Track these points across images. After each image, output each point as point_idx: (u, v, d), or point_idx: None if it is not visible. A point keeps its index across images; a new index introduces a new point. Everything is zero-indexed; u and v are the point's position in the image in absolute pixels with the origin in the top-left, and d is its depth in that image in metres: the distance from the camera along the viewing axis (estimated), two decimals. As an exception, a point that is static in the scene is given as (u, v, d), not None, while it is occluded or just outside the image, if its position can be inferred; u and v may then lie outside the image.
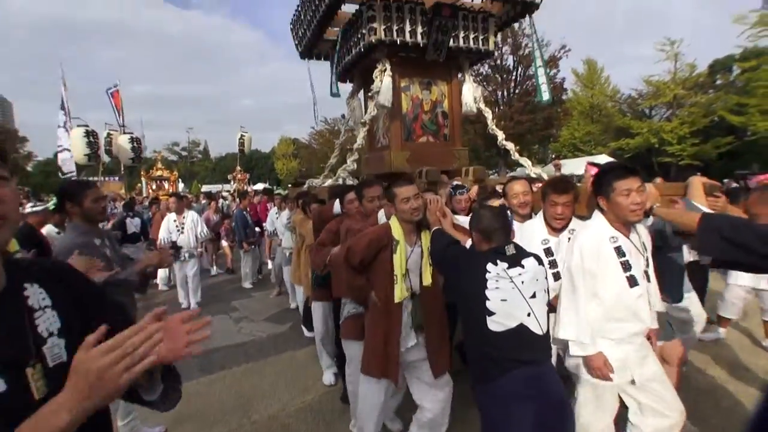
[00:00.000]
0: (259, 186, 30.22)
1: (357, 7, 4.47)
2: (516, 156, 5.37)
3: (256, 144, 13.14)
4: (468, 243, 2.22)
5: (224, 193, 19.51)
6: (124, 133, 10.12)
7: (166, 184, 20.21)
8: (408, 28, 4.29)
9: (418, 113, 4.89)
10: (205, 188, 38.07)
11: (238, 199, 12.12)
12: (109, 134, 10.88)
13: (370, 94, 4.33)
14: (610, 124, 25.74)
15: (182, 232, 6.22)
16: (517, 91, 22.51)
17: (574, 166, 20.65)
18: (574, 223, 2.51)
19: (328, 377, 3.86)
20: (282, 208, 6.51)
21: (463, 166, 5.10)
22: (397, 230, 2.34)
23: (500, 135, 5.36)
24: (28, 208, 4.71)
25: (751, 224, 1.64)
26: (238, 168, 28.66)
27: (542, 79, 5.63)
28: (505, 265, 1.92)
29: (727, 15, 22.42)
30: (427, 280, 2.36)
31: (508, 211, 2.72)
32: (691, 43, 22.73)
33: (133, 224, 7.14)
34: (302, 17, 4.99)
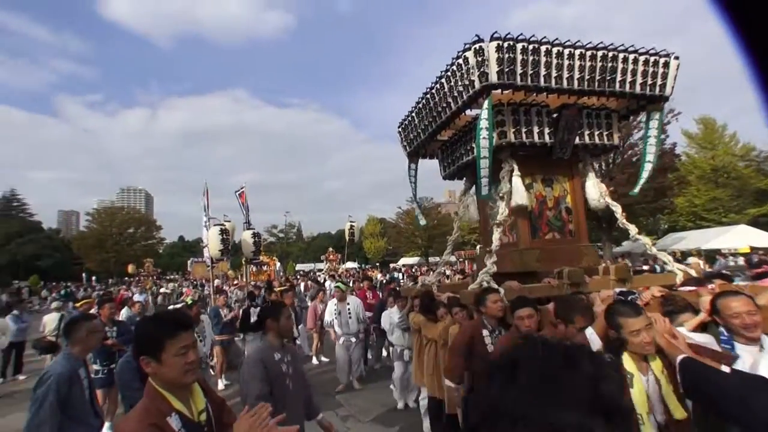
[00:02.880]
0: (350, 264, 31.34)
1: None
2: (657, 253, 4.83)
3: (346, 223, 13.92)
4: (724, 368, 1.78)
5: (322, 277, 20.45)
6: (248, 229, 11.28)
7: (265, 267, 21.89)
8: (536, 129, 4.27)
9: (543, 210, 4.68)
10: (298, 267, 40.55)
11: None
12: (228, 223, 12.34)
13: (501, 194, 4.27)
14: (744, 188, 22.45)
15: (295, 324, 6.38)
16: (618, 161, 21.07)
17: (701, 239, 17.76)
18: None
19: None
20: (390, 305, 6.40)
21: (592, 263, 4.65)
22: (627, 362, 2.03)
23: (633, 230, 4.90)
24: (170, 308, 5.23)
25: None
26: (330, 249, 30.26)
27: (645, 174, 5.11)
28: None
29: None
30: (680, 413, 1.96)
31: (722, 330, 2.21)
32: None
33: (255, 314, 7.64)
34: (416, 121, 5.27)
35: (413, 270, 27.75)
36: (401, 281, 15.18)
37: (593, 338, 2.27)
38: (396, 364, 6.03)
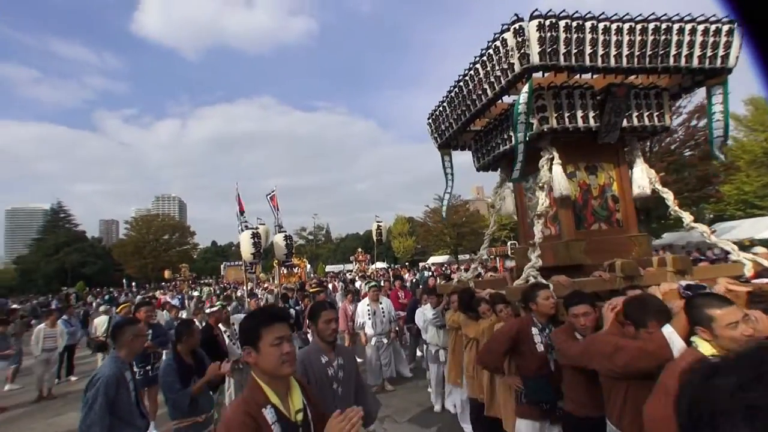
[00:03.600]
0: (379, 264, 31.28)
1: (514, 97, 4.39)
2: (718, 242, 4.44)
3: (373, 224, 13.56)
4: None
5: (351, 277, 20.45)
6: (280, 231, 11.34)
7: (296, 270, 22.07)
8: (579, 113, 3.99)
9: (587, 199, 4.39)
10: (328, 268, 40.84)
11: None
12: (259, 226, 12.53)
13: (540, 184, 4.02)
14: None
15: None
16: (655, 149, 19.90)
17: (753, 228, 16.45)
18: None
19: None
20: (424, 302, 6.21)
21: (643, 254, 4.32)
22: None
23: (687, 218, 4.55)
24: (207, 309, 5.24)
25: None
26: (360, 250, 30.29)
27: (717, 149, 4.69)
28: None
29: None
30: None
31: None
32: None
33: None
34: (447, 111, 5.06)
35: (443, 268, 27.38)
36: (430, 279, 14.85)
37: (674, 339, 1.99)
38: (431, 366, 5.85)
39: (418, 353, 7.95)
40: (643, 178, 4.53)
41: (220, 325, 5.58)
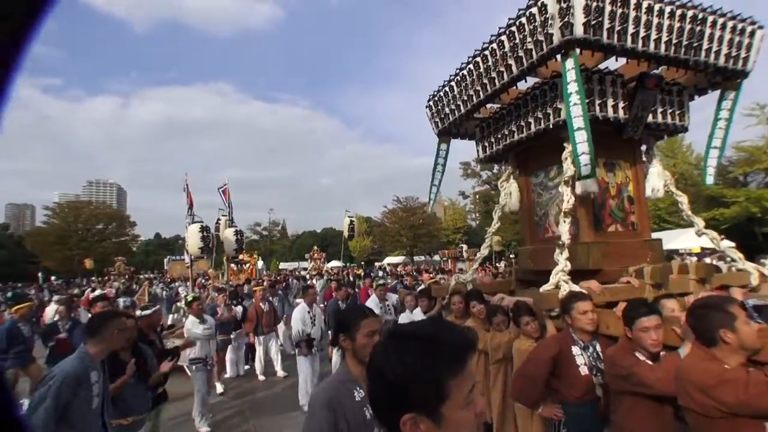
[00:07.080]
0: (334, 263, 30.40)
1: (535, 80, 3.96)
2: (726, 249, 4.30)
3: (331, 222, 13.01)
4: None
5: (307, 275, 19.50)
6: (230, 226, 10.64)
7: (246, 266, 20.72)
8: (611, 101, 3.63)
9: (605, 199, 4.06)
10: (282, 265, 39.18)
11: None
12: (218, 221, 12.00)
13: (566, 178, 3.59)
14: (699, 194, 23.41)
15: (314, 324, 5.65)
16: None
17: (666, 239, 17.86)
18: None
19: None
20: (408, 303, 5.66)
21: (658, 260, 4.07)
22: None
23: (700, 223, 4.38)
24: (138, 312, 4.28)
25: None
26: (315, 247, 29.24)
27: (713, 162, 4.60)
28: None
29: None
30: None
31: None
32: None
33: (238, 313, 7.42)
34: (455, 92, 4.54)
35: (397, 269, 27.07)
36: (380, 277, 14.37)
37: None
38: None
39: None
40: (659, 179, 4.30)
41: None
